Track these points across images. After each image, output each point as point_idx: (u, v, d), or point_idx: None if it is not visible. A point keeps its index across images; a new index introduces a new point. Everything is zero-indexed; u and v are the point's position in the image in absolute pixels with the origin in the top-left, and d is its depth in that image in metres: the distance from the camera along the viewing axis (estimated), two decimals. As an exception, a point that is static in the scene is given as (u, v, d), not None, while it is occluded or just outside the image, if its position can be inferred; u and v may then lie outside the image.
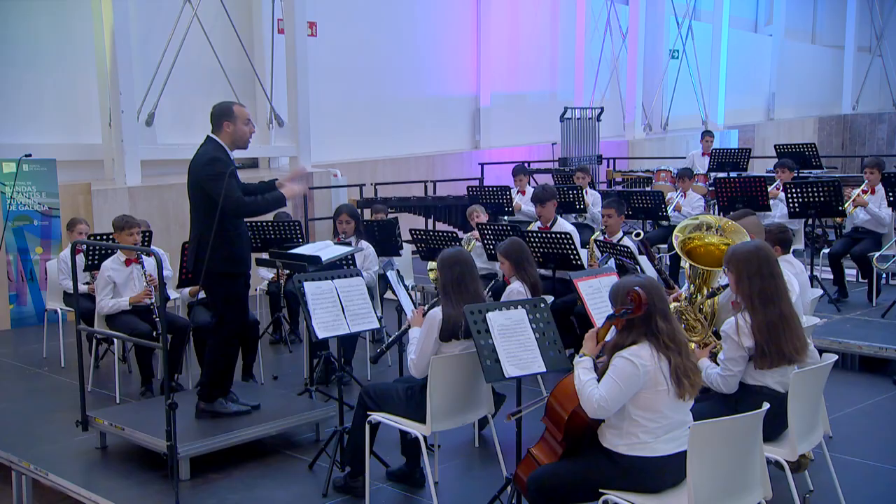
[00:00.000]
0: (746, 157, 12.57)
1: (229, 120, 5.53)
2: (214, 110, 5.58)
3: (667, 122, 20.36)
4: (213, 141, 5.53)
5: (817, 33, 27.73)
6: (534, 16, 18.28)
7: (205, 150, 5.50)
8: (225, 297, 5.53)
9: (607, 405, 3.60)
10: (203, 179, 5.36)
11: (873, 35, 27.46)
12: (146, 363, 6.97)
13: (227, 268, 5.46)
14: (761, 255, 4.28)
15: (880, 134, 25.44)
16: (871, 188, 9.31)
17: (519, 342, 4.42)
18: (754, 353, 4.20)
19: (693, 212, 10.58)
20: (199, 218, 5.47)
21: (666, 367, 3.64)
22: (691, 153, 13.95)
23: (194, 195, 5.50)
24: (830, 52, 27.08)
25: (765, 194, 9.42)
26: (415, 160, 15.75)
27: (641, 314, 3.65)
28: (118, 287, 7.05)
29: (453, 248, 4.92)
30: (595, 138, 15.83)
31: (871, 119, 25.78)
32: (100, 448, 5.91)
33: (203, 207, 5.43)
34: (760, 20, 25.50)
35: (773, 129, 23.26)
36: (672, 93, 20.23)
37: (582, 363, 3.77)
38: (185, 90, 12.35)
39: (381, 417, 4.82)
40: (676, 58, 20.66)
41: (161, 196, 11.37)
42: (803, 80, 25.80)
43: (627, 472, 3.67)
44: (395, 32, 15.71)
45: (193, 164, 5.49)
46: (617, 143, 18.23)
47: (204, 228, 5.40)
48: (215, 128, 5.55)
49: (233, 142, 5.56)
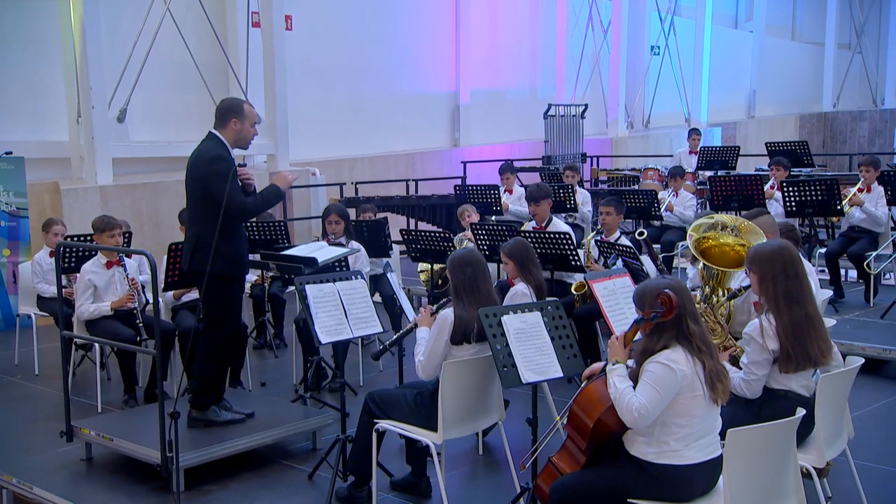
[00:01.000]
0: (735, 155, 12.64)
1: (238, 117, 5.46)
2: (223, 105, 5.52)
3: (648, 119, 20.46)
4: (216, 137, 5.45)
5: (797, 30, 28.02)
6: (513, 10, 18.27)
7: (208, 146, 5.41)
8: (223, 300, 5.43)
9: (647, 413, 3.56)
10: (207, 177, 5.27)
11: (853, 32, 27.80)
12: (129, 370, 6.83)
13: (228, 270, 5.37)
14: (785, 255, 4.27)
15: (861, 132, 25.75)
16: (866, 186, 9.36)
17: (535, 346, 4.38)
18: (779, 356, 4.18)
19: (685, 211, 10.62)
20: (197, 215, 5.38)
21: (701, 371, 3.61)
22: (678, 151, 14.01)
23: (194, 192, 5.40)
24: (811, 48, 27.37)
25: (760, 193, 9.47)
26: (394, 158, 15.68)
27: (672, 317, 3.61)
28: (99, 291, 6.91)
29: (465, 249, 4.87)
30: (579, 136, 15.86)
31: (853, 117, 26.09)
32: (85, 459, 5.77)
33: (203, 205, 5.35)
34: (741, 16, 25.73)
35: (754, 127, 23.46)
36: (654, 90, 20.33)
37: (616, 370, 3.72)
38: (157, 85, 12.19)
39: (389, 425, 4.76)
40: (657, 54, 20.76)
41: (133, 195, 11.21)
42: (784, 77, 26.05)
43: (657, 480, 3.64)
44: (373, 27, 15.63)
45: (195, 160, 5.39)
46: (600, 141, 18.28)
47: (203, 227, 5.31)
48: (220, 123, 5.47)
49: (236, 140, 5.49)
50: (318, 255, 6.14)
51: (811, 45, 27.44)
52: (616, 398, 3.65)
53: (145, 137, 12.11)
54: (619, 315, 4.80)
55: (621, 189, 11.58)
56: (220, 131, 5.49)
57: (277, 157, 12.64)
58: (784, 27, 27.45)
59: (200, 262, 5.27)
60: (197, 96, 12.49)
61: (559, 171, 14.00)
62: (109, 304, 6.86)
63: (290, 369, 7.74)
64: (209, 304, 5.44)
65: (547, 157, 15.49)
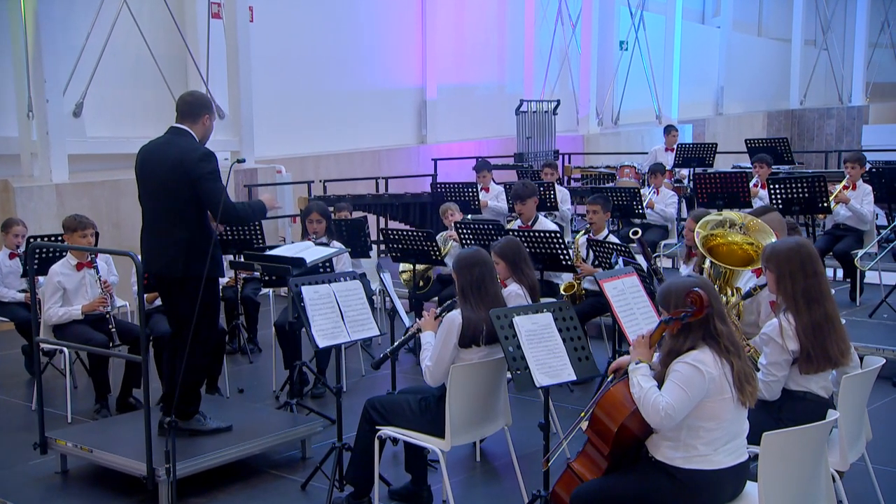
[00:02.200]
0: (713, 152, 12.73)
1: (209, 113, 5.42)
2: (194, 99, 5.41)
3: (618, 116, 20.57)
4: (189, 134, 5.34)
5: (764, 25, 28.39)
6: (481, 3, 18.26)
7: (189, 142, 5.29)
8: (209, 304, 5.31)
9: (674, 413, 3.54)
10: (200, 177, 5.15)
11: (819, 28, 28.24)
12: (101, 378, 6.68)
13: (216, 272, 5.27)
14: (803, 253, 4.28)
15: (829, 130, 26.17)
16: (851, 184, 9.48)
17: (547, 348, 4.35)
18: (799, 356, 4.20)
19: (667, 209, 10.68)
20: (185, 218, 5.24)
21: (729, 373, 3.60)
22: (654, 148, 14.08)
23: (179, 192, 5.23)
24: (777, 45, 27.75)
25: (746, 190, 9.54)
26: (360, 155, 15.57)
27: (702, 317, 3.60)
28: (68, 294, 6.75)
29: (471, 249, 4.82)
30: (552, 132, 15.88)
31: (820, 114, 26.50)
32: (60, 472, 5.63)
33: (191, 207, 5.23)
34: (708, 11, 25.99)
35: (723, 125, 23.71)
36: (623, 86, 20.44)
37: (639, 370, 3.70)
38: (114, 79, 11.97)
39: (393, 432, 4.69)
40: (625, 49, 20.88)
41: (91, 194, 10.97)
42: (751, 73, 26.36)
43: (685, 486, 3.62)
44: (337, 20, 15.51)
45: (179, 159, 5.21)
46: (571, 138, 18.34)
47: (193, 230, 5.20)
48: (190, 119, 5.35)
49: (203, 138, 5.42)
50: (305, 255, 6.06)
51: (778, 42, 27.81)
52: (640, 398, 3.62)
53: (102, 133, 11.87)
54: (629, 315, 4.79)
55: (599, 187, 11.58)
56: (190, 127, 5.37)
57: (242, 153, 12.46)
58: (750, 23, 27.79)
59: (197, 268, 5.12)
60: (156, 90, 12.28)
61: (532, 168, 14.06)
62: (80, 307, 6.70)
63: (267, 375, 7.64)
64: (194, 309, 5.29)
65: (519, 154, 15.49)
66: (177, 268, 5.25)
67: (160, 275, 5.36)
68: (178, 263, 5.24)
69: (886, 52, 29.83)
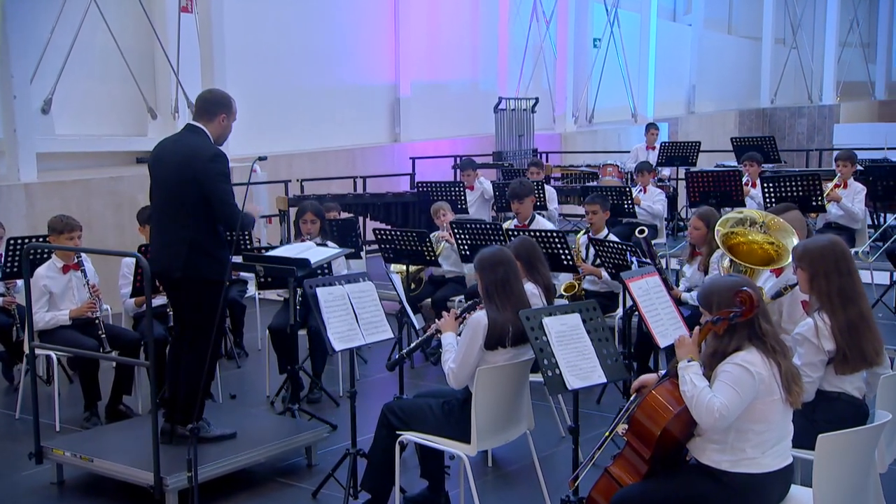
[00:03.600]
0: (696, 150, 12.83)
1: (227, 113, 5.34)
2: (212, 97, 5.36)
3: (592, 114, 20.64)
4: (202, 132, 5.27)
5: (734, 23, 28.68)
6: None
7: (201, 141, 5.23)
8: (211, 306, 5.23)
9: (728, 414, 3.52)
10: (210, 177, 5.11)
11: (789, 26, 28.59)
12: (91, 384, 6.53)
13: (220, 274, 5.18)
14: (837, 251, 4.31)
15: (800, 128, 26.50)
16: (843, 182, 9.60)
17: (576, 350, 4.33)
18: (835, 357, 4.22)
19: (654, 206, 10.72)
20: (190, 217, 5.18)
21: (777, 373, 3.60)
22: (635, 147, 14.15)
23: (185, 192, 5.17)
24: (748, 43, 28.02)
25: (739, 189, 9.63)
26: (333, 154, 15.45)
27: (751, 317, 3.60)
28: (55, 298, 6.61)
29: (493, 248, 4.79)
30: (530, 131, 15.89)
31: (791, 113, 26.83)
32: (56, 483, 5.51)
33: (197, 207, 5.17)
34: (679, 9, 26.18)
35: (695, 123, 23.88)
36: (598, 84, 20.52)
37: (691, 368, 3.66)
38: (83, 74, 11.76)
39: (415, 437, 4.64)
40: (598, 47, 20.96)
41: (62, 194, 10.75)
42: (722, 72, 26.59)
43: (733, 490, 3.61)
44: (309, 16, 15.38)
45: (189, 157, 5.15)
46: (548, 136, 18.34)
47: (198, 231, 5.15)
48: (206, 117, 5.30)
49: (219, 137, 5.36)
50: (307, 256, 6.00)
51: (748, 40, 28.10)
52: (693, 397, 3.59)
53: (72, 131, 11.66)
54: (654, 314, 4.79)
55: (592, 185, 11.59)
56: (205, 125, 5.31)
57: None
58: (720, 21, 28.05)
59: (197, 269, 5.11)
60: (126, 87, 12.11)
61: (513, 166, 14.06)
62: (68, 312, 6.56)
63: (258, 380, 7.55)
64: (199, 312, 5.25)
65: (497, 152, 15.48)
66: (177, 267, 5.17)
67: (162, 274, 5.29)
68: (178, 263, 5.17)
69: (855, 52, 30.30)
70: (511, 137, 15.68)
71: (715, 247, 6.78)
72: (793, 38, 28.42)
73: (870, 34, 31.83)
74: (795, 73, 28.43)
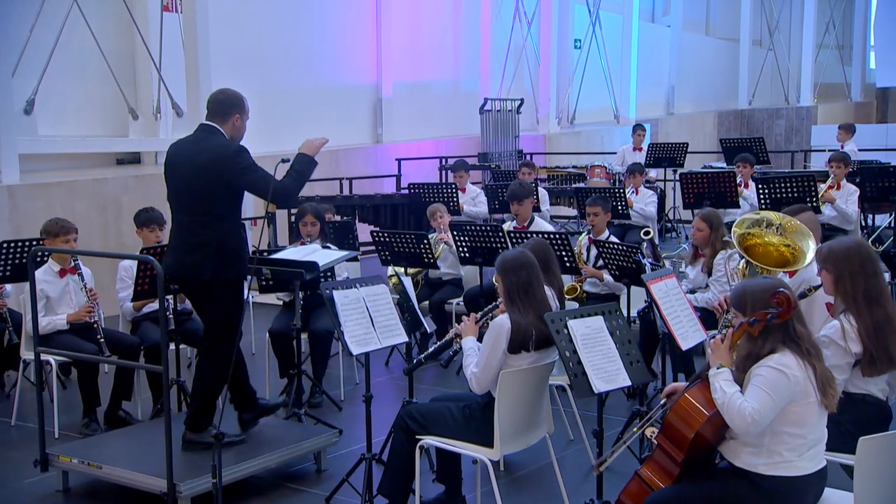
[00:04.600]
0: (684, 151, 12.92)
1: (240, 113, 5.32)
2: (225, 98, 5.31)
3: (573, 115, 20.71)
4: (219, 132, 5.25)
5: (712, 25, 28.87)
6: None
7: (221, 140, 5.21)
8: (236, 307, 5.21)
9: (761, 419, 3.54)
10: (239, 173, 5.07)
11: (766, 28, 28.84)
12: (91, 390, 6.45)
13: (243, 274, 5.15)
14: (863, 253, 4.34)
15: (778, 130, 26.71)
16: (836, 183, 9.69)
17: (601, 353, 4.33)
18: (862, 359, 4.24)
19: (646, 208, 10.77)
20: (215, 218, 5.14)
21: (812, 376, 3.61)
22: (622, 148, 14.22)
23: (208, 191, 5.12)
24: (725, 44, 28.22)
25: (733, 190, 9.69)
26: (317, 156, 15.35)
27: (787, 319, 3.61)
28: (52, 302, 6.53)
29: (515, 250, 4.77)
30: (515, 132, 15.91)
31: (769, 114, 27.04)
32: (62, 490, 5.44)
33: (224, 206, 5.14)
34: (658, 10, 26.32)
35: (675, 124, 24.03)
36: (580, 85, 20.59)
37: (721, 374, 3.68)
38: (66, 75, 11.64)
39: (435, 442, 4.62)
40: (579, 48, 21.04)
41: (47, 196, 10.62)
42: (700, 73, 26.77)
43: (768, 493, 3.62)
44: (290, 16, 15.31)
45: (211, 157, 5.11)
46: (532, 137, 18.38)
47: (225, 233, 5.12)
48: (221, 117, 5.27)
49: (234, 137, 5.31)
50: (315, 258, 5.96)
51: (725, 41, 28.31)
52: (724, 403, 3.61)
53: (56, 131, 11.53)
54: (674, 317, 4.80)
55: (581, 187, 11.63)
56: (219, 125, 5.28)
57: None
58: (698, 22, 28.23)
59: (224, 270, 5.10)
60: (107, 87, 12.01)
61: (500, 167, 14.08)
62: (65, 316, 6.48)
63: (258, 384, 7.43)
64: (225, 313, 5.22)
65: (484, 153, 15.48)
66: (205, 271, 5.11)
67: (188, 277, 5.22)
68: (206, 266, 5.11)
69: (832, 54, 30.60)
70: (497, 138, 15.68)
71: (719, 248, 6.84)
72: (770, 40, 28.66)
73: (845, 36, 32.15)
74: (773, 74, 28.66)
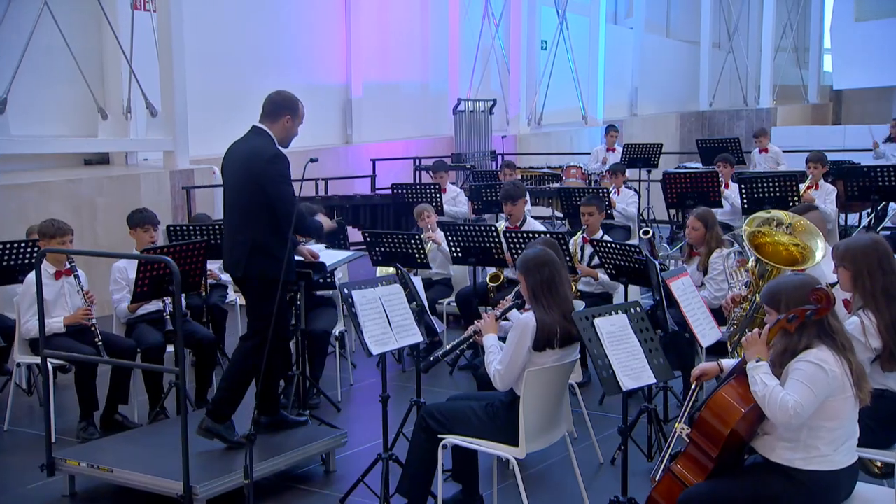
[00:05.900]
0: (658, 152, 13.07)
1: (292, 115, 5.39)
2: (279, 99, 5.38)
3: (541, 116, 20.83)
4: (266, 133, 5.33)
5: (672, 27, 29.22)
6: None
7: (263, 143, 5.30)
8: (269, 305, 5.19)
9: (803, 412, 3.60)
10: (269, 178, 5.20)
11: (724, 30, 29.23)
12: (88, 394, 6.36)
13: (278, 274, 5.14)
14: (880, 250, 4.44)
15: (738, 131, 27.02)
16: (814, 183, 9.87)
17: (626, 350, 4.39)
18: (882, 354, 4.34)
19: (628, 208, 10.88)
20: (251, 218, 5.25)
21: (848, 370, 3.69)
22: (596, 148, 14.35)
23: (245, 193, 5.26)
24: (686, 46, 28.58)
25: (716, 189, 9.82)
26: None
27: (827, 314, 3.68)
28: (48, 305, 6.37)
29: (536, 248, 4.80)
30: (488, 132, 15.97)
31: (730, 116, 27.42)
32: (68, 495, 5.37)
33: (258, 207, 5.22)
34: (620, 12, 26.58)
35: (639, 126, 24.27)
36: (547, 86, 20.72)
37: (760, 368, 3.74)
38: (38, 74, 11.46)
39: (458, 441, 4.64)
40: (546, 49, 21.18)
41: (20, 197, 10.44)
42: (662, 75, 27.08)
43: (807, 488, 3.69)
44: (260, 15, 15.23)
45: (249, 158, 5.26)
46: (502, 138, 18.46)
47: (260, 232, 5.22)
48: (271, 118, 5.36)
49: (283, 139, 5.42)
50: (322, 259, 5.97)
51: (686, 43, 28.66)
52: (765, 396, 3.66)
53: (29, 131, 11.35)
54: (692, 313, 4.87)
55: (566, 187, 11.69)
56: (269, 126, 5.37)
57: (176, 154, 12.09)
58: (659, 24, 28.55)
59: (256, 268, 5.22)
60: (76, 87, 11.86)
61: (475, 168, 14.13)
62: (62, 319, 6.40)
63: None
64: (259, 312, 5.28)
65: (457, 154, 15.52)
66: (239, 267, 5.30)
67: (231, 274, 5.51)
68: (240, 263, 5.29)
69: (789, 56, 31.10)
70: (471, 139, 15.73)
71: (714, 247, 6.94)
72: (729, 43, 29.05)
73: (802, 39, 32.68)
74: (732, 76, 29.06)
